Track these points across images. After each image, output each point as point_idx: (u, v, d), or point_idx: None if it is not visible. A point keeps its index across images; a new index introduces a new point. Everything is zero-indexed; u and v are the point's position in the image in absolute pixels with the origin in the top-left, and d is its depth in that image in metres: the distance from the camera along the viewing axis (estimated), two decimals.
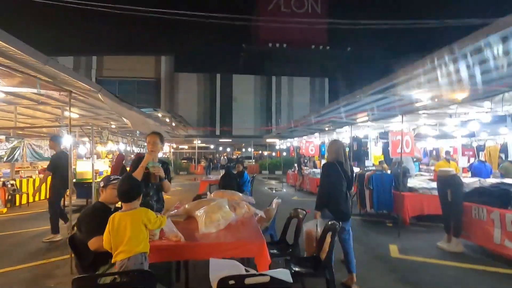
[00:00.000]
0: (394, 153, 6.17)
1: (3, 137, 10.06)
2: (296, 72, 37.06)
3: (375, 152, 10.81)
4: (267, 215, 4.05)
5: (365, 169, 8.13)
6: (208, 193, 4.43)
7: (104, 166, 10.08)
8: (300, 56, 38.27)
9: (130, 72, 35.75)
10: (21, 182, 9.25)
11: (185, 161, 26.92)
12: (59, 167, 5.43)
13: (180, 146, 30.14)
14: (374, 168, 7.74)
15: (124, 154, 11.10)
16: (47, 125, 11.76)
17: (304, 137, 12.16)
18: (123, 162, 8.38)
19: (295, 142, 13.87)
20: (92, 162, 7.52)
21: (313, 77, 37.08)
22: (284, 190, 12.58)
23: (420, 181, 6.80)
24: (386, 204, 6.34)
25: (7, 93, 7.76)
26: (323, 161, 13.27)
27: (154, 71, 36.88)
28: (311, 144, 11.27)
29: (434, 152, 12.96)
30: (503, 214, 3.96)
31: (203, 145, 30.06)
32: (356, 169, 9.42)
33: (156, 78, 36.69)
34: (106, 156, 13.12)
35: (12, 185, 8.83)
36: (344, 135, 9.19)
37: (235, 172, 8.39)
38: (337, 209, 3.29)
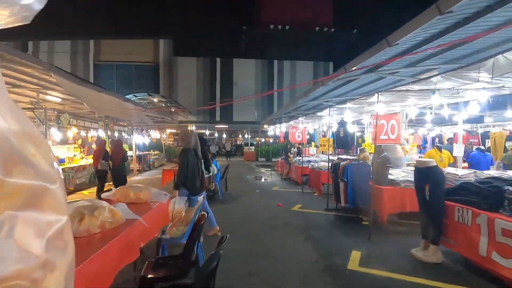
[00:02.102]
0: (378, 139, 5.21)
1: None
2: (299, 55, 35.58)
3: (368, 138, 9.80)
4: (185, 218, 3.22)
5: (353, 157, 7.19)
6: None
7: (69, 153, 9.46)
8: (304, 39, 36.66)
9: (128, 56, 34.92)
10: None
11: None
12: None
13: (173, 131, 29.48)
14: (352, 157, 6.78)
15: (103, 139, 10.48)
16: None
17: (291, 122, 11.20)
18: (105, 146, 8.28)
19: (283, 127, 12.94)
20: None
21: (316, 61, 35.53)
22: (270, 179, 11.77)
23: (406, 172, 5.84)
24: (364, 198, 5.44)
25: None
26: (312, 149, 12.39)
27: (153, 55, 35.92)
28: (298, 130, 10.31)
29: (437, 140, 11.83)
30: (491, 219, 3.03)
31: (201, 131, 29.33)
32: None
33: (155, 62, 35.78)
34: (91, 140, 12.51)
35: None
36: (328, 120, 8.23)
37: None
38: (193, 186, 3.91)
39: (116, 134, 11.74)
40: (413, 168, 6.02)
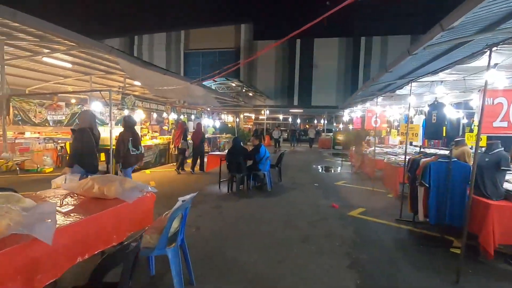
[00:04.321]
0: (488, 127, 3.35)
1: (62, 103, 11.07)
2: (393, 29, 30.58)
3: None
4: (159, 224, 2.40)
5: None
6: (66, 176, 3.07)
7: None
8: (399, 8, 31.25)
9: (213, 43, 36.70)
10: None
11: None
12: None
13: (247, 115, 29.64)
14: (442, 152, 4.73)
15: (183, 121, 11.04)
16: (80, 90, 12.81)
17: (367, 105, 9.21)
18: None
19: (359, 111, 10.86)
20: (110, 129, 7.30)
21: (415, 35, 29.84)
22: (339, 171, 10.15)
23: None
24: (454, 214, 3.64)
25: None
26: (392, 138, 10.05)
27: (234, 41, 36.78)
28: (374, 114, 8.35)
29: None
30: None
31: (280, 116, 28.71)
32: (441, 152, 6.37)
33: (236, 47, 36.58)
34: (172, 124, 13.35)
35: (62, 147, 9.62)
36: (412, 99, 6.11)
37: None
38: (91, 164, 4.08)
39: (182, 117, 12.01)
40: None
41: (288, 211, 5.08)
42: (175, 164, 10.23)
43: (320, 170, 10.23)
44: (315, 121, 31.30)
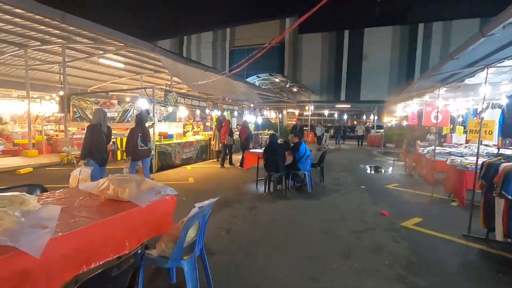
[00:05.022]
0: None
1: (115, 101, 11.82)
2: (458, 13, 27.10)
3: None
4: (174, 232, 2.15)
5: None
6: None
7: (177, 130, 10.20)
8: None
9: (257, 39, 36.56)
10: (121, 140, 10.61)
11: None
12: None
13: (291, 111, 28.84)
14: None
15: (228, 119, 11.24)
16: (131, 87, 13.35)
17: (426, 98, 8.07)
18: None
19: (415, 105, 9.58)
20: (153, 124, 7.54)
21: (485, 17, 26.04)
22: (390, 172, 9.15)
23: None
24: None
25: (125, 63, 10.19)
26: (457, 136, 8.69)
27: (279, 36, 36.18)
28: (435, 108, 7.25)
29: None
30: None
31: (325, 111, 27.48)
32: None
33: (280, 42, 35.97)
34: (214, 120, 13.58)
35: (113, 142, 10.25)
36: (487, 89, 5.03)
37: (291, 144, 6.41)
38: (100, 157, 4.45)
39: (223, 112, 11.98)
40: None
41: (329, 217, 4.56)
42: (215, 160, 10.26)
43: (368, 171, 9.34)
44: (364, 117, 29.35)
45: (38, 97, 11.66)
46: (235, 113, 13.93)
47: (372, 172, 9.22)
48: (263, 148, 6.38)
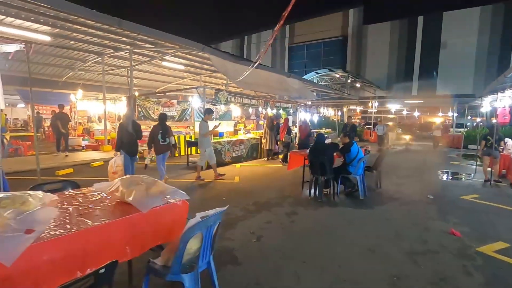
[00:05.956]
0: None
1: (174, 101, 12.57)
2: None
3: None
4: (177, 242, 1.94)
5: None
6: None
7: (228, 128, 10.24)
8: None
9: (317, 34, 35.35)
10: (179, 138, 11.21)
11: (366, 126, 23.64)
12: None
13: (352, 108, 26.84)
14: None
15: (287, 118, 11.40)
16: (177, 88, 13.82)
17: (500, 94, 6.45)
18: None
19: (507, 99, 7.71)
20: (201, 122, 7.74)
21: None
22: (469, 178, 7.63)
23: None
24: None
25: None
26: None
27: (341, 29, 34.25)
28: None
29: None
30: None
31: (392, 108, 24.98)
32: None
33: (343, 36, 33.99)
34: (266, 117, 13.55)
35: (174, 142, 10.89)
36: None
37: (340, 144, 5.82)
38: (129, 149, 5.39)
39: (279, 110, 11.70)
40: None
41: (380, 232, 3.88)
42: (266, 159, 10.07)
43: (440, 177, 7.96)
44: (416, 113, 25.69)
45: (111, 98, 13.13)
46: (291, 111, 13.53)
47: (446, 179, 7.82)
48: (309, 149, 5.89)
